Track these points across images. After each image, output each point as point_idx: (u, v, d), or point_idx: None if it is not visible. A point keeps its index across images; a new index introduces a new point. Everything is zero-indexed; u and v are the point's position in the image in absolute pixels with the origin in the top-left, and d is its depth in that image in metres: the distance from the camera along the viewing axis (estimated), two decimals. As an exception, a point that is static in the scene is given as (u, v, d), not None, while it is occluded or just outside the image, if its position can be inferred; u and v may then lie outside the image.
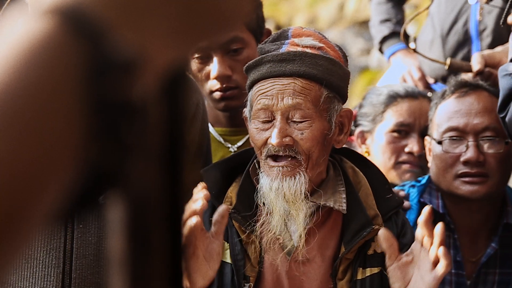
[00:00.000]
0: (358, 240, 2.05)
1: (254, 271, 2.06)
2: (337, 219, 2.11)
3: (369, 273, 2.08)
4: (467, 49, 3.25)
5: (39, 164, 0.51)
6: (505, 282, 2.56)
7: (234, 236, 2.07)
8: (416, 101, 2.85)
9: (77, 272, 1.90)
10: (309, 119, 2.04)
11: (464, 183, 2.49)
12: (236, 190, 2.10)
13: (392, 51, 3.58)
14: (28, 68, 0.51)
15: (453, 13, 3.30)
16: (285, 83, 2.05)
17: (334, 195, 2.09)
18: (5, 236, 0.50)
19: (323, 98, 2.06)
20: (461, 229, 2.57)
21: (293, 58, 2.06)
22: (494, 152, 2.50)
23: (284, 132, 2.03)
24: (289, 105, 2.03)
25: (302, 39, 2.10)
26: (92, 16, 0.53)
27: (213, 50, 2.41)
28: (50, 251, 1.89)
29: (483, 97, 2.55)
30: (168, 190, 0.60)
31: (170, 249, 0.60)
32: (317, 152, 2.05)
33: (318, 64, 2.06)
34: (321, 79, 2.05)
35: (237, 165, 2.15)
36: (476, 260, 2.57)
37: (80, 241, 1.91)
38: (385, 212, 2.12)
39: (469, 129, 2.50)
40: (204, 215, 2.10)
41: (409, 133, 2.81)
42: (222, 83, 2.42)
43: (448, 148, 2.52)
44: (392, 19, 3.60)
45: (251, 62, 2.11)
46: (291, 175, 2.03)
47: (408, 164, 2.80)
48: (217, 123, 2.56)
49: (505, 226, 2.55)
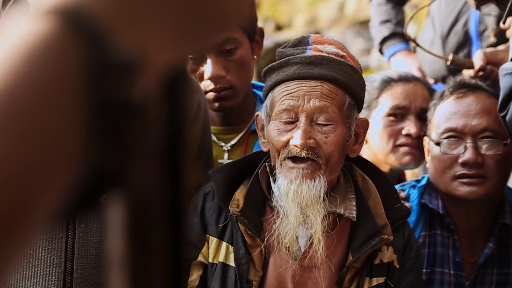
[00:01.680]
0: (367, 249, 2.04)
1: (257, 275, 2.04)
2: (345, 227, 2.09)
3: (376, 283, 2.07)
4: (467, 50, 3.25)
5: (40, 164, 0.51)
6: (503, 282, 2.56)
7: (239, 240, 2.05)
8: (410, 84, 2.84)
9: (78, 271, 1.90)
10: (333, 123, 2.04)
11: (462, 184, 2.49)
12: (243, 192, 2.08)
13: (392, 51, 3.58)
14: (30, 68, 0.51)
15: (453, 13, 3.30)
16: (313, 85, 2.04)
17: (344, 202, 2.08)
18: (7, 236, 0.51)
19: (346, 104, 2.06)
20: (461, 230, 2.57)
21: (321, 62, 2.06)
22: (492, 154, 2.49)
23: (309, 133, 2.02)
24: (316, 107, 2.02)
25: (325, 46, 2.10)
26: (93, 16, 0.53)
27: (207, 51, 2.41)
28: (51, 251, 1.89)
29: (482, 98, 2.55)
30: (169, 189, 0.60)
31: (171, 249, 0.60)
32: (336, 157, 2.04)
33: (343, 70, 2.06)
34: (346, 85, 2.05)
35: (245, 167, 2.14)
36: (475, 261, 2.57)
37: (81, 240, 1.91)
38: (394, 222, 2.11)
39: (467, 130, 2.50)
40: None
41: (405, 116, 2.80)
42: (216, 84, 2.43)
43: (446, 149, 2.52)
44: (392, 20, 3.60)
45: (275, 64, 2.10)
46: (311, 178, 2.01)
47: (406, 147, 2.78)
48: (211, 122, 2.57)
49: (502, 225, 2.55)
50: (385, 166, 2.78)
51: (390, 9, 3.62)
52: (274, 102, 2.08)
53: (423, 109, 2.78)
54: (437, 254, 2.55)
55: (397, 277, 2.10)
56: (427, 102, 2.79)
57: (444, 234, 2.56)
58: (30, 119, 0.50)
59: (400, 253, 2.11)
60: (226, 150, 2.54)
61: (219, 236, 2.08)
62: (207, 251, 2.08)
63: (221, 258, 2.06)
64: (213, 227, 2.08)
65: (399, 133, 2.78)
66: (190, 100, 2.17)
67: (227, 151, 2.54)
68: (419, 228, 2.54)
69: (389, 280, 2.08)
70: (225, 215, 2.08)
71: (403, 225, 2.16)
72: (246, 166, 2.14)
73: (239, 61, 2.42)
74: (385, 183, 2.18)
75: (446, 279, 2.54)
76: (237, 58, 2.41)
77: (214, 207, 2.10)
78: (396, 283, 2.10)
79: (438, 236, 2.56)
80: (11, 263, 0.52)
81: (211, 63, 2.41)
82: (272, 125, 2.07)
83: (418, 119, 2.78)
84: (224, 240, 2.07)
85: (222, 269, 2.06)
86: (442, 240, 2.55)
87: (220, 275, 2.05)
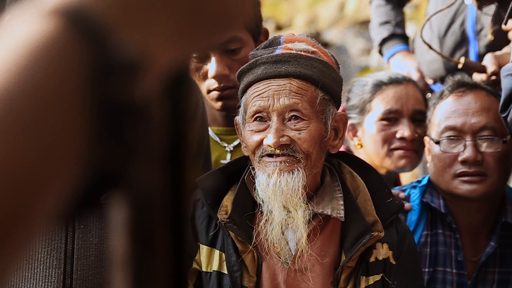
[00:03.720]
0: (358, 248, 2.03)
1: (252, 281, 2.03)
2: (335, 226, 2.09)
3: (373, 281, 2.06)
4: (464, 49, 3.25)
5: (42, 165, 0.51)
6: (504, 281, 2.56)
7: (230, 247, 2.03)
8: (401, 86, 2.84)
9: (78, 273, 1.89)
10: (306, 119, 2.03)
11: (463, 183, 2.50)
12: (231, 198, 2.07)
13: (391, 52, 3.59)
14: (32, 69, 0.51)
15: (450, 13, 3.31)
16: (281, 83, 2.03)
17: (331, 202, 2.07)
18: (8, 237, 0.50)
19: (318, 99, 2.04)
20: (463, 229, 2.57)
21: (288, 59, 2.05)
22: (492, 151, 2.50)
23: (281, 132, 2.02)
24: (286, 105, 2.02)
25: (295, 44, 2.09)
26: (95, 17, 0.53)
27: (211, 50, 2.41)
28: (51, 252, 1.89)
29: (481, 96, 2.55)
30: (171, 190, 0.60)
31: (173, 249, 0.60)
32: (315, 153, 2.03)
33: (313, 65, 2.05)
34: (317, 80, 2.04)
35: (232, 173, 2.12)
36: (477, 260, 2.57)
37: (81, 241, 1.90)
38: (386, 217, 2.10)
39: (466, 128, 2.51)
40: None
41: (398, 119, 2.80)
42: (220, 83, 2.43)
43: (446, 148, 2.52)
44: (391, 21, 3.60)
45: (244, 67, 2.10)
46: (289, 170, 2.01)
47: (401, 150, 2.79)
48: (214, 123, 2.57)
49: (504, 224, 2.55)
50: (382, 169, 2.78)
51: (389, 10, 3.62)
52: (246, 105, 2.08)
53: (416, 111, 2.79)
54: (439, 253, 2.56)
55: (394, 273, 2.10)
56: (420, 104, 2.81)
57: (446, 233, 2.56)
58: (32, 119, 0.50)
59: (395, 249, 2.11)
60: (228, 151, 2.54)
61: (209, 244, 2.06)
62: (200, 259, 2.07)
63: (215, 266, 2.05)
64: (203, 236, 2.07)
65: (393, 136, 2.79)
66: (192, 100, 2.16)
67: (229, 151, 2.54)
68: (421, 228, 2.54)
69: (386, 276, 2.07)
70: (215, 222, 2.07)
71: (397, 221, 2.15)
72: (233, 171, 2.13)
73: (243, 60, 2.42)
74: (375, 178, 2.17)
75: (448, 278, 2.54)
76: (241, 58, 2.42)
77: (204, 215, 2.08)
78: (395, 279, 2.10)
79: (440, 235, 2.56)
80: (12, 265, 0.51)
81: (216, 62, 2.41)
82: (247, 127, 2.07)
83: (412, 121, 2.79)
84: (216, 248, 2.06)
85: (217, 278, 2.04)
86: (444, 239, 2.56)
87: (216, 283, 2.04)
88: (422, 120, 2.76)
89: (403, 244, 2.13)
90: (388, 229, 2.10)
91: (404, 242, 2.13)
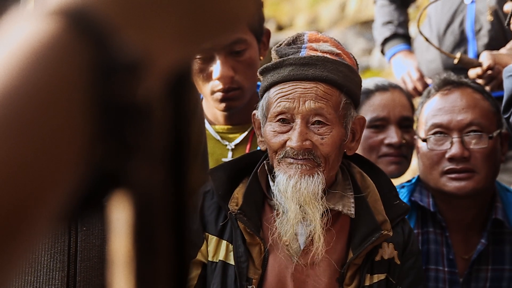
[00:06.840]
0: (367, 245, 2.05)
1: (257, 273, 2.05)
2: (344, 224, 2.10)
3: (377, 280, 2.07)
4: (463, 49, 3.26)
5: (43, 166, 0.51)
6: (497, 278, 2.57)
7: (238, 238, 2.06)
8: (387, 93, 2.86)
9: (82, 275, 1.89)
10: (329, 124, 2.04)
11: (451, 180, 2.51)
12: (242, 191, 2.09)
13: (392, 52, 3.59)
14: (34, 69, 0.51)
15: (449, 13, 3.31)
16: (308, 87, 2.04)
17: (342, 199, 2.09)
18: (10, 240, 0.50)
19: (342, 104, 2.06)
20: (453, 226, 2.58)
21: (315, 62, 2.05)
22: (479, 148, 2.51)
23: (305, 135, 2.03)
24: (311, 109, 2.03)
25: (320, 44, 2.10)
26: (97, 17, 0.53)
27: (216, 51, 2.42)
28: (54, 255, 1.89)
29: (467, 93, 2.57)
30: (173, 191, 0.59)
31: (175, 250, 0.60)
32: (333, 156, 2.05)
33: (339, 70, 2.06)
34: (342, 85, 2.05)
35: (244, 166, 2.15)
36: (469, 258, 2.58)
37: (84, 243, 1.90)
38: (393, 218, 2.12)
39: (453, 125, 2.52)
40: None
41: (385, 126, 2.82)
42: (224, 84, 2.43)
43: (433, 145, 2.54)
44: (394, 21, 3.61)
45: (270, 65, 2.11)
46: (310, 174, 2.02)
47: (390, 157, 2.81)
48: (215, 121, 2.58)
49: (494, 221, 2.56)
50: None
51: (393, 10, 3.63)
52: (269, 103, 2.08)
53: (403, 117, 2.82)
54: (431, 252, 2.57)
55: (398, 273, 2.11)
56: (406, 110, 2.83)
57: (437, 231, 2.57)
58: (33, 120, 0.50)
59: (400, 249, 2.13)
60: (230, 149, 2.54)
61: (218, 234, 2.09)
62: (206, 250, 2.09)
63: (221, 256, 2.07)
64: (212, 226, 2.09)
65: (381, 143, 2.81)
66: (193, 101, 2.16)
67: (231, 150, 2.54)
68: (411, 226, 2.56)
69: (390, 276, 2.09)
70: (224, 213, 2.10)
71: (402, 222, 2.17)
72: (245, 164, 2.15)
73: (247, 62, 2.42)
74: (384, 181, 2.19)
75: (440, 276, 2.55)
76: (245, 59, 2.42)
77: (214, 206, 2.11)
78: (398, 280, 2.11)
79: (430, 233, 2.57)
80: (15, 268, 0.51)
81: (220, 64, 2.41)
82: (268, 126, 2.08)
83: (399, 127, 2.81)
84: (223, 239, 2.08)
85: (222, 268, 2.07)
86: (435, 237, 2.57)
87: (220, 273, 2.06)
88: (410, 126, 2.80)
89: (408, 245, 2.14)
90: (394, 230, 2.12)
91: (409, 243, 2.15)
